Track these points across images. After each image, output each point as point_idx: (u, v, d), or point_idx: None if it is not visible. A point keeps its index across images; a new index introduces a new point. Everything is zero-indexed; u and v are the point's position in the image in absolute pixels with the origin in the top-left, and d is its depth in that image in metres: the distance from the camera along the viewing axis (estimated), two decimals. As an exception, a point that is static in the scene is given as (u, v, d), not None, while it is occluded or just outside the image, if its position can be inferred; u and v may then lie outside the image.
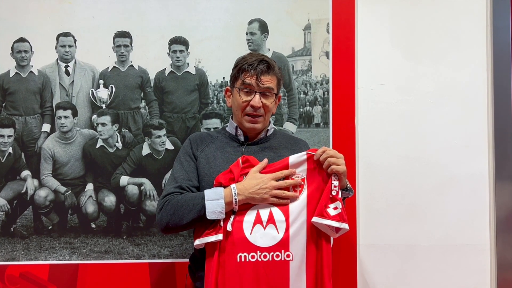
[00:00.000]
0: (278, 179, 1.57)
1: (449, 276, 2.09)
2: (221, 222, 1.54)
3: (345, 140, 2.11)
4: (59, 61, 2.11)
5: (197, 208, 1.54)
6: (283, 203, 1.56)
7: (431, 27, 2.13)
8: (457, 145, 2.12)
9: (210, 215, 1.53)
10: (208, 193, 1.55)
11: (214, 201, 1.54)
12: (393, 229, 2.10)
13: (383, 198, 2.10)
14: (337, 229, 1.55)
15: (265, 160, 1.60)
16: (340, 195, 1.55)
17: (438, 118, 2.12)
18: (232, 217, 1.55)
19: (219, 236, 1.52)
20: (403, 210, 2.10)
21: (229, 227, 1.53)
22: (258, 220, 1.55)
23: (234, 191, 1.54)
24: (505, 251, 2.09)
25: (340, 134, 2.12)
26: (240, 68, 1.67)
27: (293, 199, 1.57)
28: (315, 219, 1.54)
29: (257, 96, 1.65)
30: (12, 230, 2.08)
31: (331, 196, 1.54)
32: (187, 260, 1.79)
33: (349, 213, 2.01)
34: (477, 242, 2.10)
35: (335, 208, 1.53)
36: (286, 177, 1.58)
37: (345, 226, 1.54)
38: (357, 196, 2.09)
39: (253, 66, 1.64)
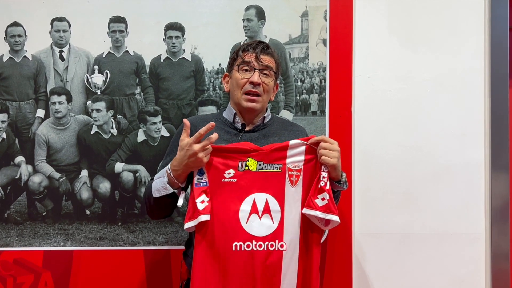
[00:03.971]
0: (198, 141, 1.50)
1: (443, 264, 2.09)
2: (198, 205, 1.50)
3: (342, 129, 2.10)
4: (53, 46, 2.08)
5: (151, 190, 1.58)
6: (209, 151, 1.52)
7: (428, 15, 2.12)
8: (453, 134, 2.12)
9: (154, 193, 1.56)
10: (158, 173, 1.61)
11: (159, 179, 1.57)
12: (388, 218, 2.10)
13: (379, 186, 2.10)
14: (327, 222, 1.55)
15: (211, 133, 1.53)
16: (328, 186, 1.52)
17: (435, 107, 2.12)
18: (182, 194, 1.54)
19: (200, 219, 1.49)
20: (398, 198, 2.10)
21: (179, 203, 1.52)
22: (254, 210, 1.54)
23: (169, 168, 1.53)
24: (500, 240, 2.09)
25: (336, 122, 2.11)
26: (238, 49, 1.71)
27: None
28: (304, 210, 1.54)
29: (257, 72, 1.65)
30: (6, 216, 2.06)
31: (319, 187, 1.53)
32: (183, 247, 1.79)
33: (344, 201, 2.03)
34: (472, 231, 2.11)
35: (323, 199, 1.52)
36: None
37: (332, 217, 1.51)
38: (353, 184, 2.09)
39: (252, 46, 1.68)
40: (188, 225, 1.50)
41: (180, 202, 1.53)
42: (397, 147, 2.11)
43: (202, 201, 1.51)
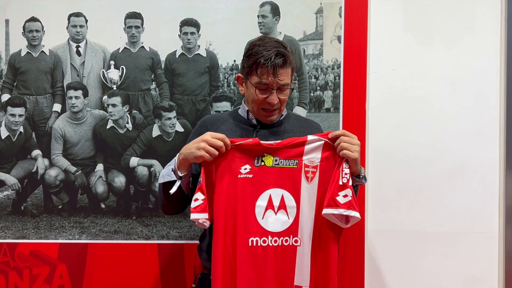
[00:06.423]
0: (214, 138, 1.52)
1: (456, 263, 2.09)
2: (191, 203, 1.51)
3: (356, 126, 2.10)
4: (70, 41, 2.11)
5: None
6: (210, 155, 1.50)
7: (444, 12, 2.11)
8: (468, 133, 2.10)
9: (160, 179, 1.61)
10: (170, 162, 1.64)
11: (168, 167, 1.61)
12: (401, 215, 2.10)
13: (393, 183, 2.10)
14: (347, 220, 1.53)
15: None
16: (350, 183, 1.51)
17: (450, 105, 2.11)
18: (177, 182, 1.54)
19: (192, 216, 1.50)
20: (412, 196, 2.10)
21: (172, 190, 1.53)
22: (270, 206, 1.55)
23: (176, 156, 1.57)
24: (514, 239, 2.08)
25: (350, 120, 2.11)
26: (255, 61, 1.57)
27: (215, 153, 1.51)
28: (325, 211, 1.51)
29: (275, 94, 1.59)
30: (22, 208, 2.10)
31: (341, 183, 1.51)
32: (196, 241, 1.81)
33: (358, 198, 2.00)
34: (485, 230, 2.10)
35: (345, 196, 1.50)
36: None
37: (355, 214, 1.50)
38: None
39: (270, 60, 1.54)
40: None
41: (172, 190, 1.54)
42: (411, 144, 2.10)
43: (195, 199, 1.51)
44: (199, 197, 1.51)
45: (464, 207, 2.10)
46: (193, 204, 1.51)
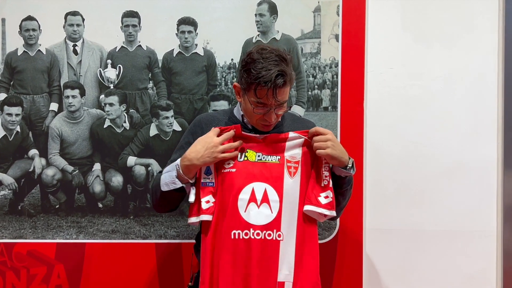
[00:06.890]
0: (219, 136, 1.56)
1: (455, 261, 2.09)
2: (202, 204, 1.54)
3: (353, 124, 2.10)
4: (67, 40, 2.10)
5: (159, 183, 1.60)
6: (231, 155, 1.56)
7: (442, 11, 2.11)
8: (466, 131, 2.11)
9: (163, 187, 1.58)
10: (167, 167, 1.61)
11: (167, 173, 1.58)
12: (400, 214, 2.10)
13: (391, 182, 2.10)
14: (324, 216, 1.58)
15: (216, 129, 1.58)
16: (331, 184, 1.57)
17: (448, 104, 2.11)
18: (192, 189, 1.56)
19: (201, 217, 1.54)
20: (410, 195, 2.10)
21: (191, 199, 1.55)
22: (252, 199, 1.55)
23: (178, 165, 1.55)
24: (512, 238, 2.09)
25: (348, 118, 2.11)
26: (254, 81, 1.50)
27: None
28: (307, 207, 1.56)
29: (273, 112, 1.56)
30: (19, 208, 2.09)
31: (322, 185, 1.56)
32: (194, 240, 1.80)
33: (356, 197, 2.03)
34: (484, 229, 2.10)
35: (326, 197, 1.56)
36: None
37: (334, 213, 1.58)
38: (364, 180, 2.09)
39: (271, 82, 1.47)
40: (191, 220, 1.56)
41: (191, 198, 1.56)
42: (409, 143, 2.10)
43: (207, 201, 1.54)
44: (210, 200, 1.55)
45: (463, 206, 2.10)
46: (205, 206, 1.54)
